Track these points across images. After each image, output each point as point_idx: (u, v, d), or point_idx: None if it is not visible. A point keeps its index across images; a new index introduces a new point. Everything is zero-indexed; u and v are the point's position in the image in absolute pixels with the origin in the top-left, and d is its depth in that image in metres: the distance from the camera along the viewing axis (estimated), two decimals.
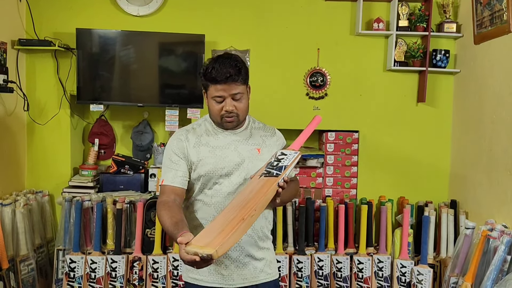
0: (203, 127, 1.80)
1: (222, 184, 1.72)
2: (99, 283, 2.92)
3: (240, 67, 1.68)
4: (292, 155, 1.72)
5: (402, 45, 3.33)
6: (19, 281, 2.80)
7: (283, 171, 1.63)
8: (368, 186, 3.41)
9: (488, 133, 2.88)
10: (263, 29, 3.36)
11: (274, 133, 1.88)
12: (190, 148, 1.73)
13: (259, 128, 1.86)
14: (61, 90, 3.28)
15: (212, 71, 1.66)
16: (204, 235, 1.44)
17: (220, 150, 1.74)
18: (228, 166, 1.72)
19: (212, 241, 1.38)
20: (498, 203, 2.74)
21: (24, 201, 2.92)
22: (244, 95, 1.73)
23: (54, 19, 3.27)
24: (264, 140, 1.82)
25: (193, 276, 1.76)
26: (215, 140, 1.76)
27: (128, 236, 3.04)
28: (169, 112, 3.28)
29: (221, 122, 1.73)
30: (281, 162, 1.68)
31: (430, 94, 3.36)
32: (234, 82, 1.67)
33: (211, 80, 1.67)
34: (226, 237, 1.38)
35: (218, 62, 1.67)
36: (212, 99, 1.71)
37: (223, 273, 1.74)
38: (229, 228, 1.41)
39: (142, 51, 3.25)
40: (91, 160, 3.39)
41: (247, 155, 1.75)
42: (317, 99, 3.41)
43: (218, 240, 1.38)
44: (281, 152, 1.74)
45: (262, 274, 1.79)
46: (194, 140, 1.75)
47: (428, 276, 2.92)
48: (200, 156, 1.72)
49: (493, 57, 2.86)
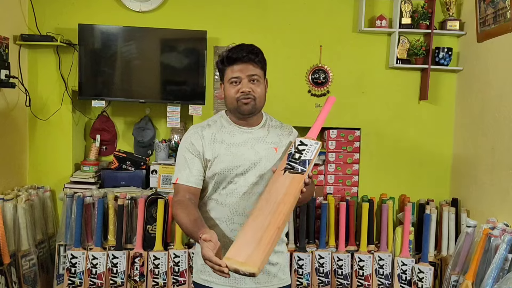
0: (219, 124, 1.74)
1: (238, 183, 1.66)
2: (100, 279, 2.93)
3: (258, 51, 1.67)
4: (314, 147, 1.64)
5: (405, 42, 3.32)
6: (20, 276, 2.81)
7: (308, 167, 1.56)
8: (369, 183, 3.41)
9: (491, 132, 2.87)
10: (265, 25, 3.35)
11: (291, 132, 1.82)
12: (205, 145, 1.68)
13: (276, 127, 1.80)
14: (63, 86, 3.28)
15: (229, 53, 1.65)
16: (240, 246, 1.38)
17: (236, 148, 1.68)
18: (244, 165, 1.66)
19: (252, 256, 1.33)
20: (499, 201, 2.74)
21: (26, 196, 2.93)
22: (261, 80, 1.69)
23: (56, 14, 3.27)
24: (281, 139, 1.76)
25: (204, 278, 1.71)
26: (231, 137, 1.70)
27: (129, 232, 3.05)
28: (170, 109, 3.27)
29: (237, 106, 1.66)
30: (303, 154, 1.61)
31: (433, 92, 3.36)
32: (251, 63, 1.64)
33: (228, 60, 1.65)
34: (265, 252, 1.34)
35: (236, 46, 1.68)
36: (228, 82, 1.67)
37: (235, 275, 1.62)
38: (266, 240, 1.37)
39: (144, 47, 3.24)
40: (92, 156, 3.39)
41: (264, 154, 1.69)
42: (319, 96, 3.41)
43: (258, 255, 1.33)
44: (300, 141, 1.66)
45: (275, 279, 1.73)
46: (209, 136, 1.69)
47: (429, 274, 2.92)
48: (215, 153, 1.67)
49: (496, 55, 2.85)
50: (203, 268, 1.69)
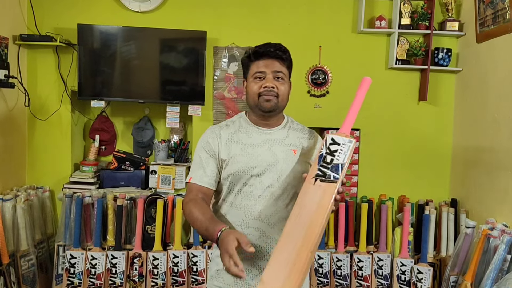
0: (237, 124, 1.70)
1: (253, 185, 1.60)
2: (99, 279, 2.93)
3: (286, 50, 1.65)
4: (347, 146, 1.50)
5: (404, 43, 3.33)
6: (19, 276, 2.81)
7: (341, 173, 1.44)
8: (368, 184, 3.41)
9: (490, 132, 2.87)
10: (265, 26, 3.35)
11: (312, 136, 1.75)
12: (221, 145, 1.64)
13: (297, 130, 1.74)
14: (62, 86, 3.27)
15: (256, 48, 1.63)
16: (274, 268, 1.34)
17: (252, 148, 1.63)
18: (260, 166, 1.60)
19: (285, 284, 1.31)
20: (499, 202, 2.74)
21: (25, 196, 2.93)
22: (286, 79, 1.64)
23: (56, 14, 3.27)
24: (301, 142, 1.70)
25: (217, 285, 1.67)
26: (248, 138, 1.65)
27: (128, 233, 3.04)
28: (170, 109, 3.27)
29: (258, 102, 1.61)
30: (335, 157, 1.48)
31: (432, 93, 3.36)
32: (277, 60, 1.61)
33: (254, 55, 1.62)
34: (299, 279, 1.31)
35: (264, 43, 1.65)
36: (252, 77, 1.63)
37: (250, 283, 1.62)
38: (299, 262, 1.33)
39: (143, 47, 3.24)
40: (91, 156, 3.39)
41: (282, 156, 1.63)
42: (318, 96, 3.41)
43: (292, 282, 1.31)
44: (332, 139, 1.51)
45: None
46: (226, 136, 1.65)
47: (428, 275, 2.92)
48: (231, 153, 1.62)
49: (496, 55, 2.85)
50: (217, 274, 1.67)
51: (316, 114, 3.40)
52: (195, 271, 2.98)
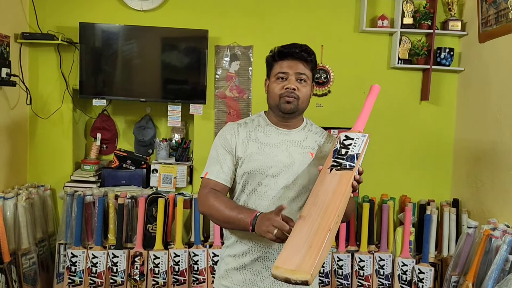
0: (256, 122, 1.69)
1: (268, 186, 1.58)
2: (100, 278, 2.93)
3: (312, 52, 1.63)
4: (361, 140, 1.51)
5: (407, 42, 3.32)
6: (20, 274, 2.81)
7: (357, 161, 1.43)
8: (370, 184, 3.37)
9: (492, 132, 2.87)
10: (266, 25, 3.34)
11: (330, 140, 1.73)
12: (238, 142, 1.63)
13: (315, 133, 1.72)
14: (63, 84, 3.27)
15: (281, 48, 1.61)
16: (289, 254, 1.27)
17: (269, 148, 1.61)
18: (276, 166, 1.58)
19: (303, 263, 1.23)
20: (500, 202, 2.74)
21: (26, 195, 2.93)
22: (308, 82, 1.62)
23: (57, 13, 3.26)
24: (319, 145, 1.68)
25: (225, 284, 1.65)
26: (266, 137, 1.64)
27: (129, 231, 3.04)
28: (171, 108, 3.27)
29: (279, 103, 1.59)
30: (350, 149, 1.48)
31: (434, 93, 3.35)
32: (301, 61, 1.59)
33: (279, 55, 1.60)
34: (317, 257, 1.23)
35: (290, 43, 1.63)
36: (274, 77, 1.61)
37: (259, 284, 1.60)
38: (317, 243, 1.26)
39: (145, 46, 3.24)
40: (93, 154, 3.39)
41: (299, 158, 1.61)
42: (320, 96, 3.40)
43: (310, 260, 1.23)
44: (346, 136, 1.54)
45: None
46: (244, 134, 1.64)
47: (429, 275, 2.92)
48: (247, 151, 1.61)
49: (498, 55, 2.84)
50: (226, 274, 1.65)
51: (318, 114, 3.39)
52: (196, 270, 2.97)
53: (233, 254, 1.64)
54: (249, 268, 1.61)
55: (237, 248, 1.63)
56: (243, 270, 1.62)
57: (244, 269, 1.62)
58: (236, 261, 1.63)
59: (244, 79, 3.37)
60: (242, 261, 1.62)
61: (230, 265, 1.64)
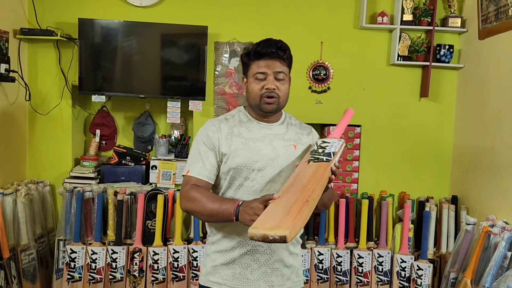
0: (237, 118, 1.71)
1: (254, 180, 1.61)
2: (100, 274, 2.93)
3: (286, 47, 1.64)
4: (337, 143, 1.60)
5: (406, 39, 3.31)
6: (19, 270, 2.81)
7: (333, 157, 1.51)
8: (369, 180, 3.41)
9: (491, 129, 2.87)
10: (266, 21, 3.33)
11: (310, 132, 1.79)
12: (222, 139, 1.63)
13: (295, 125, 1.77)
14: (63, 81, 3.27)
15: (257, 47, 1.62)
16: (267, 218, 1.28)
17: (253, 143, 1.64)
18: (261, 160, 1.61)
19: (281, 222, 1.23)
20: (499, 199, 2.74)
21: (25, 191, 2.93)
22: (286, 79, 1.65)
23: (57, 8, 3.25)
24: (300, 137, 1.73)
25: (214, 280, 1.65)
26: (249, 132, 1.66)
27: (128, 227, 3.05)
28: (171, 104, 3.27)
29: (260, 103, 1.63)
30: (326, 149, 1.56)
31: (434, 89, 3.35)
32: (278, 59, 1.61)
33: (255, 55, 1.61)
34: (296, 218, 1.24)
35: (264, 40, 1.64)
36: (253, 77, 1.63)
37: (249, 277, 1.62)
38: (295, 210, 1.28)
39: (144, 42, 3.23)
40: (92, 151, 3.39)
41: (283, 151, 1.65)
42: (319, 92, 3.40)
43: (289, 221, 1.23)
44: (323, 141, 1.63)
45: (288, 282, 1.68)
46: (226, 130, 1.65)
47: (428, 271, 2.92)
48: (232, 147, 1.62)
49: (498, 52, 2.84)
50: (214, 270, 1.66)
51: (317, 110, 3.39)
52: (195, 266, 2.98)
53: (220, 250, 1.65)
54: (238, 262, 1.63)
55: (224, 243, 1.65)
56: (231, 265, 1.63)
57: (233, 264, 1.63)
58: (224, 257, 1.64)
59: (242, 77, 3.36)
60: (231, 256, 1.63)
61: (218, 261, 1.65)
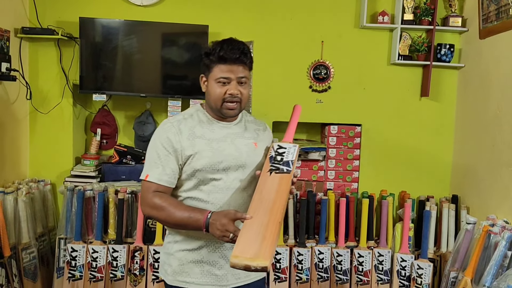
0: (196, 118, 1.68)
1: (221, 180, 1.62)
2: (100, 272, 2.94)
3: (248, 51, 1.64)
4: (293, 149, 1.66)
5: (407, 38, 3.32)
6: (20, 268, 2.82)
7: (292, 167, 1.58)
8: (369, 180, 3.41)
9: (492, 129, 2.87)
10: (267, 20, 3.34)
11: (265, 128, 1.83)
12: (183, 141, 1.60)
13: (252, 122, 1.79)
14: (63, 79, 3.27)
15: (221, 50, 1.58)
16: (245, 244, 1.36)
17: (216, 143, 1.63)
18: (226, 160, 1.62)
19: (260, 250, 1.33)
20: (499, 198, 2.74)
21: (26, 189, 2.93)
22: (248, 82, 1.66)
23: (58, 7, 3.26)
24: (258, 134, 1.76)
25: (182, 279, 1.65)
26: (211, 133, 1.65)
27: (129, 226, 3.05)
28: (171, 103, 3.27)
29: (221, 108, 1.62)
30: (284, 156, 1.62)
31: (434, 89, 3.35)
32: (242, 64, 1.61)
33: (219, 59, 1.59)
34: (272, 246, 1.35)
35: (227, 43, 1.60)
36: (215, 81, 1.61)
37: (217, 273, 1.65)
38: (270, 234, 1.37)
39: (145, 41, 3.23)
40: (93, 150, 3.39)
41: (245, 149, 1.67)
42: (320, 92, 3.40)
43: (266, 248, 1.33)
44: (278, 145, 1.68)
45: (252, 273, 1.72)
46: (187, 131, 1.62)
47: (428, 271, 2.93)
48: (195, 149, 1.60)
49: (499, 52, 2.84)
50: (181, 269, 1.66)
51: (318, 110, 3.39)
52: None
53: (187, 249, 1.66)
54: (206, 260, 1.65)
55: (191, 242, 1.65)
56: (199, 263, 1.65)
57: (201, 262, 1.65)
58: (191, 255, 1.65)
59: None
60: (199, 254, 1.65)
61: (185, 260, 1.66)
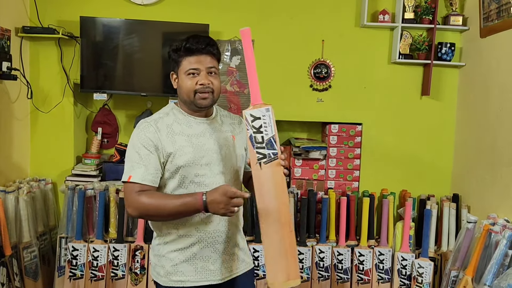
0: (172, 116, 1.68)
1: (205, 175, 1.62)
2: (101, 271, 2.94)
3: (215, 43, 1.66)
4: (267, 115, 1.58)
5: (408, 37, 3.31)
6: (22, 267, 2.82)
7: (276, 146, 1.56)
8: (370, 179, 3.41)
9: (492, 128, 2.87)
10: (268, 19, 3.33)
11: (240, 121, 1.83)
12: (163, 139, 1.60)
13: (226, 116, 1.81)
14: (64, 79, 3.27)
15: (187, 43, 1.61)
16: (273, 267, 1.55)
17: (196, 139, 1.64)
18: (207, 155, 1.63)
19: (290, 270, 1.54)
20: (500, 197, 2.74)
21: (27, 188, 2.94)
22: (217, 74, 1.67)
23: (58, 7, 3.26)
24: (234, 127, 1.79)
25: (177, 279, 1.65)
26: (189, 129, 1.66)
27: (130, 225, 3.06)
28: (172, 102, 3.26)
29: (194, 99, 1.62)
30: (263, 133, 1.57)
31: (435, 88, 3.35)
32: (209, 55, 1.63)
33: (186, 51, 1.61)
34: (295, 257, 1.57)
35: (193, 37, 1.64)
36: (185, 74, 1.62)
37: (211, 268, 1.66)
38: (289, 246, 1.56)
39: (146, 40, 3.23)
40: (94, 149, 3.40)
41: (224, 142, 1.69)
42: (321, 91, 3.40)
43: (293, 265, 1.55)
44: (251, 115, 1.58)
45: (243, 264, 1.77)
46: (165, 129, 1.63)
47: (429, 269, 2.93)
48: (176, 145, 1.61)
49: (500, 50, 2.83)
50: (175, 269, 1.66)
51: (318, 108, 3.39)
52: None
53: (178, 249, 1.66)
54: (199, 256, 1.65)
55: (182, 242, 1.65)
56: (192, 260, 1.65)
57: (194, 259, 1.65)
58: (183, 254, 1.65)
59: (244, 73, 3.36)
60: (191, 252, 1.65)
61: (178, 259, 1.66)
